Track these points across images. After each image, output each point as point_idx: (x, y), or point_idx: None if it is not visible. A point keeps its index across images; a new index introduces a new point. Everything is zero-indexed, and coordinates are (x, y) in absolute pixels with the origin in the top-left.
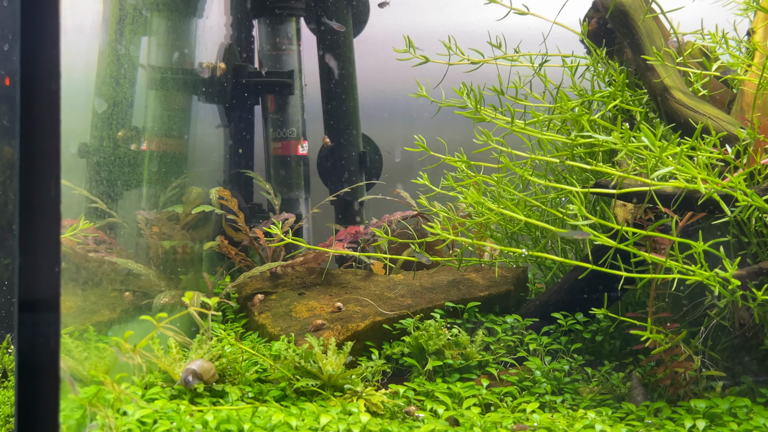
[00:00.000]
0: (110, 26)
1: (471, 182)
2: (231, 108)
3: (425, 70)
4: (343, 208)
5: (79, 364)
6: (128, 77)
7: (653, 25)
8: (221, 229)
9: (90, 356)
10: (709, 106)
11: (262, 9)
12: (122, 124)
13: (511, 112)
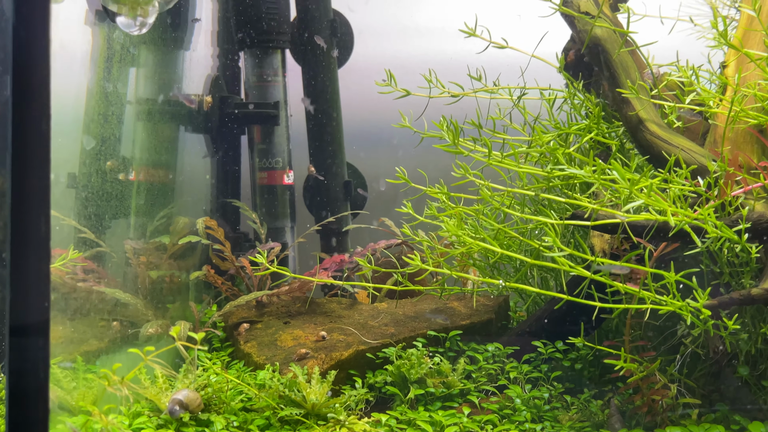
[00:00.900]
0: (98, 65)
1: (452, 213)
2: (217, 138)
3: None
4: (329, 236)
5: (68, 394)
6: (116, 113)
7: (628, 58)
8: (208, 258)
9: (78, 386)
10: (682, 138)
11: (248, 42)
12: (110, 158)
13: (488, 146)
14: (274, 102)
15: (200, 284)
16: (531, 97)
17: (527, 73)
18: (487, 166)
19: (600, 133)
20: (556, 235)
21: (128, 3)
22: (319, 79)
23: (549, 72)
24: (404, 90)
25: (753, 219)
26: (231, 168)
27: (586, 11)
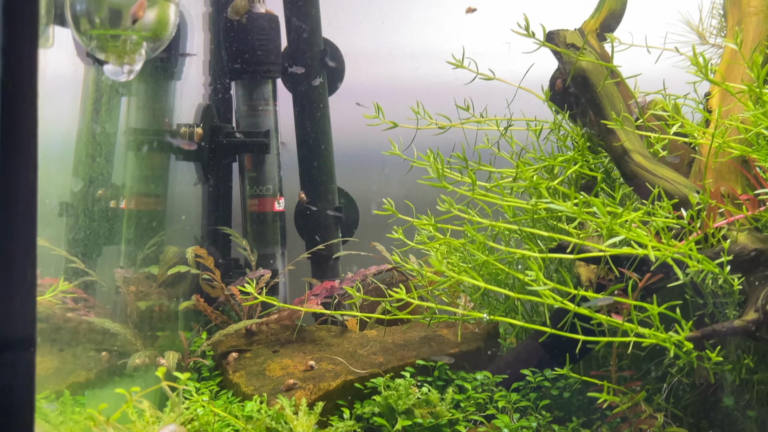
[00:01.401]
0: (87, 107)
1: (439, 243)
2: (208, 166)
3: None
4: (319, 262)
5: (55, 428)
6: (105, 154)
7: (614, 89)
8: (198, 286)
9: (66, 420)
10: (667, 169)
11: (238, 73)
12: (98, 199)
13: (473, 180)
14: (264, 131)
15: (190, 312)
16: (518, 128)
17: (517, 99)
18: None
19: (585, 165)
20: (540, 269)
21: (115, 52)
22: (310, 106)
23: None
24: (391, 122)
25: (735, 251)
26: (222, 195)
27: (571, 43)
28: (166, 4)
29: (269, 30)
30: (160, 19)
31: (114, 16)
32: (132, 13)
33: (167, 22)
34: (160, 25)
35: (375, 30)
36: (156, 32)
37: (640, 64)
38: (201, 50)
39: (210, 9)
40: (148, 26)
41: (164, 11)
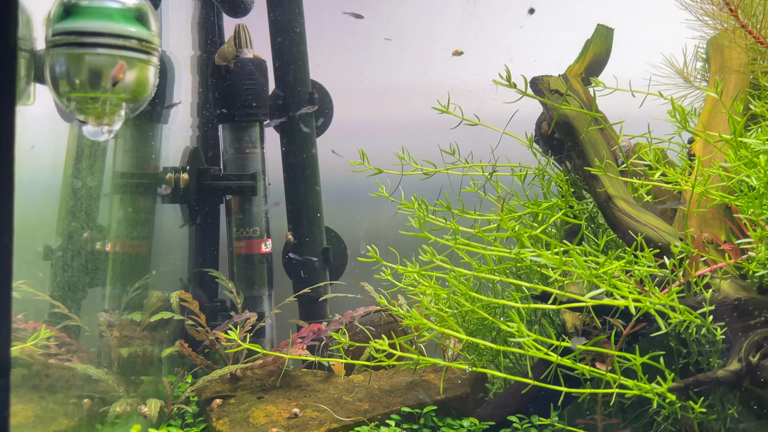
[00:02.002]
0: (68, 163)
1: (424, 289)
2: (195, 209)
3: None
4: (306, 304)
5: None
6: (85, 209)
7: (597, 135)
8: (183, 329)
9: None
10: (650, 216)
11: (226, 117)
12: (83, 242)
13: (455, 229)
14: (251, 173)
15: (175, 355)
16: (503, 173)
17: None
18: (459, 246)
19: (569, 211)
20: (523, 319)
21: (94, 113)
22: (298, 147)
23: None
24: (377, 168)
25: (717, 300)
26: (208, 237)
27: (555, 89)
28: (145, 66)
29: (257, 74)
30: (139, 80)
31: (94, 77)
32: (112, 75)
33: (147, 83)
34: (139, 87)
35: (364, 68)
36: (135, 93)
37: (626, 104)
38: (189, 93)
39: (198, 52)
40: (127, 88)
41: (144, 73)
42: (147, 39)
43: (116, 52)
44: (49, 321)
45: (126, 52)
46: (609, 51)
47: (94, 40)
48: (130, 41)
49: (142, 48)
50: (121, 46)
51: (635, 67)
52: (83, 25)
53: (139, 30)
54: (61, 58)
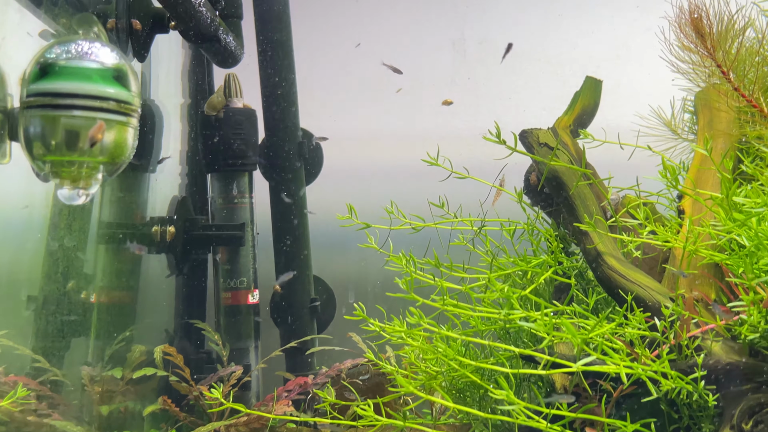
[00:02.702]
0: (45, 223)
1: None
2: (182, 259)
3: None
4: (293, 355)
5: None
6: (62, 270)
7: (586, 189)
8: (167, 383)
9: None
10: (640, 274)
11: (214, 166)
12: (62, 304)
13: (444, 287)
14: (239, 224)
15: (158, 412)
16: (492, 228)
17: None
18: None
19: (558, 271)
20: (512, 386)
21: (69, 177)
22: (287, 195)
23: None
24: (364, 223)
25: (709, 365)
26: (195, 288)
27: (544, 143)
28: (124, 128)
29: (246, 124)
30: (117, 142)
31: (69, 140)
32: (90, 135)
33: (125, 145)
34: (117, 149)
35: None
36: (113, 156)
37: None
38: (178, 141)
39: (188, 100)
40: (105, 150)
41: (122, 135)
42: (126, 100)
43: (93, 114)
44: (32, 373)
45: (104, 114)
46: (598, 103)
47: (69, 101)
48: (108, 103)
49: (120, 110)
50: (99, 108)
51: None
52: (59, 86)
53: (118, 91)
54: (36, 120)
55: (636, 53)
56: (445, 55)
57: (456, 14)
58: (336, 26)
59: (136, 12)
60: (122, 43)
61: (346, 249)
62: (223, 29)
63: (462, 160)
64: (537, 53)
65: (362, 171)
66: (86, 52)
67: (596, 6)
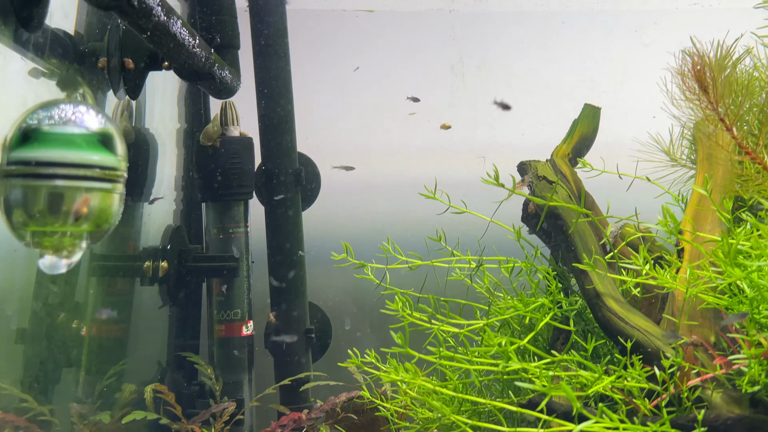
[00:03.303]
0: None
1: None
2: (175, 290)
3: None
4: (288, 388)
5: None
6: (53, 304)
7: (586, 226)
8: (158, 421)
9: None
10: (640, 317)
11: (209, 196)
12: (52, 337)
13: (440, 339)
14: (234, 255)
15: None
16: (491, 265)
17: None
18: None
19: (557, 313)
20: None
21: (51, 246)
22: (283, 222)
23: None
24: (360, 263)
25: (710, 420)
26: (188, 319)
27: (543, 175)
28: (109, 195)
29: (242, 153)
30: (102, 210)
31: (53, 208)
32: (74, 210)
33: (110, 212)
34: (102, 217)
35: (353, 131)
36: (98, 224)
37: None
38: (173, 167)
39: (184, 125)
40: (90, 219)
41: (107, 202)
42: (112, 166)
43: (77, 183)
44: (20, 408)
45: (88, 183)
46: (596, 130)
47: (52, 170)
48: (93, 170)
49: (105, 176)
50: (83, 176)
51: (623, 138)
52: (41, 155)
53: (104, 157)
54: (17, 189)
55: (634, 75)
56: (444, 78)
57: (454, 38)
58: (334, 49)
59: (128, 50)
60: (114, 82)
61: (342, 270)
62: (219, 65)
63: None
64: (535, 76)
65: (360, 188)
66: (70, 118)
67: (594, 29)
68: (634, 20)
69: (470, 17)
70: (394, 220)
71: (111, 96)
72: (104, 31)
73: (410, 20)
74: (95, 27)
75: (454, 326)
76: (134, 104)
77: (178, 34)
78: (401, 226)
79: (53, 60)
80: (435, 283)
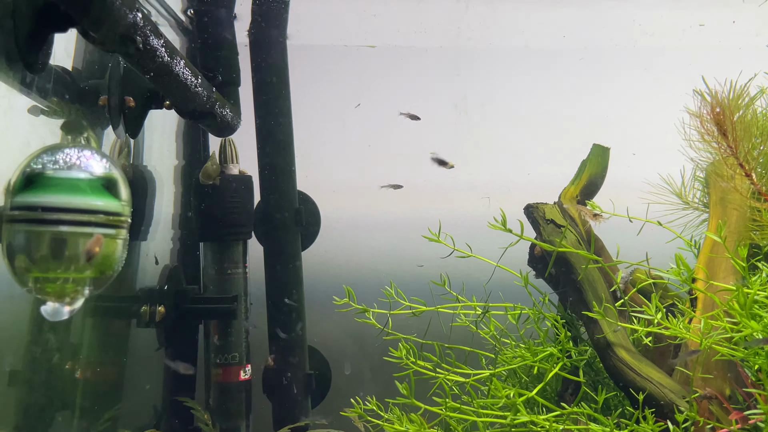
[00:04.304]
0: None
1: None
2: (171, 332)
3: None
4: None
5: None
6: (47, 346)
7: (595, 272)
8: None
9: None
10: (653, 368)
11: (208, 235)
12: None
13: (446, 391)
14: (232, 296)
15: None
16: (497, 312)
17: None
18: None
19: (566, 364)
20: None
21: (54, 293)
22: (282, 262)
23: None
24: (362, 307)
25: None
26: (185, 362)
27: (551, 219)
28: (113, 241)
29: (242, 192)
30: (106, 256)
31: (56, 254)
32: (87, 250)
33: (114, 259)
34: (105, 263)
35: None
36: (102, 270)
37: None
38: (170, 204)
39: (182, 162)
40: (93, 265)
41: (111, 248)
42: (115, 212)
43: (81, 229)
44: None
45: (92, 229)
46: (605, 171)
47: (56, 216)
48: (97, 216)
49: (109, 222)
50: (87, 222)
51: (633, 177)
52: (45, 200)
53: (107, 202)
54: (20, 234)
55: (644, 113)
56: (447, 116)
57: (458, 76)
58: (336, 85)
59: (129, 88)
60: (115, 120)
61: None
62: (220, 103)
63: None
64: (540, 114)
65: (360, 227)
66: (74, 162)
67: (602, 66)
68: (643, 57)
69: (475, 54)
70: (395, 260)
71: (109, 131)
72: (104, 68)
73: (413, 56)
74: (95, 64)
75: (460, 375)
76: (132, 141)
77: (181, 74)
78: (402, 265)
79: (53, 98)
80: (438, 326)
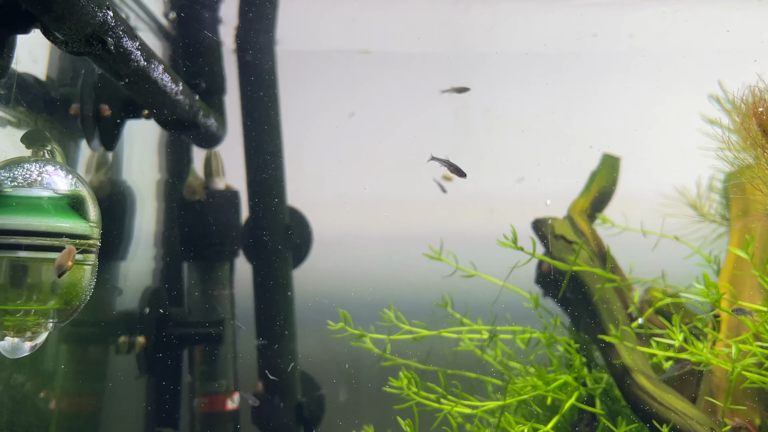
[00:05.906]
0: None
1: None
2: (153, 359)
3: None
4: None
5: None
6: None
7: (611, 293)
8: None
9: None
10: (675, 396)
11: (192, 255)
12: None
13: (453, 425)
14: (218, 319)
15: None
16: (505, 336)
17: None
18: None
19: (581, 392)
20: None
21: (13, 326)
22: (272, 282)
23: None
24: (359, 332)
25: None
26: (168, 392)
27: (561, 234)
28: (79, 268)
29: (227, 208)
30: (71, 284)
31: (15, 282)
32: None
33: (81, 287)
34: (71, 292)
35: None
36: (67, 300)
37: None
38: (152, 221)
39: (164, 176)
40: (57, 294)
41: (78, 275)
42: (83, 234)
43: (43, 254)
44: None
45: (56, 254)
46: (616, 182)
47: (14, 240)
48: (61, 240)
49: (76, 246)
50: (50, 246)
51: (643, 194)
52: (2, 222)
53: (74, 224)
54: None
55: (652, 120)
56: (447, 125)
57: (458, 82)
58: (328, 92)
59: (104, 96)
60: (88, 131)
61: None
62: (204, 112)
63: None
64: (544, 122)
65: (355, 242)
66: (35, 179)
67: (608, 70)
68: (651, 61)
69: (475, 59)
70: (391, 277)
71: (85, 146)
72: (78, 76)
73: (410, 62)
74: (68, 71)
75: (466, 406)
76: (110, 154)
77: (160, 81)
78: (399, 282)
79: (20, 108)
80: (440, 347)
